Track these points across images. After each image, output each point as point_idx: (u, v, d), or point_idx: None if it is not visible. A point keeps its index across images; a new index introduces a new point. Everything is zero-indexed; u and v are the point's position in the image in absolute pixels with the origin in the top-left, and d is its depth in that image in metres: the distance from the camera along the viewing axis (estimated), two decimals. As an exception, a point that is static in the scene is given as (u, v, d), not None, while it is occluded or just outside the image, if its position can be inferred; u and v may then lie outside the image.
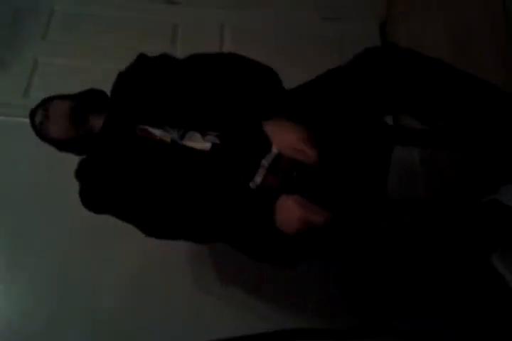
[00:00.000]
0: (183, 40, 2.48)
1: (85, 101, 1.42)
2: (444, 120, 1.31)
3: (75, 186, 1.39)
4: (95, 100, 1.44)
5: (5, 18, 2.46)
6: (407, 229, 1.64)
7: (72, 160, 1.43)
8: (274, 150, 1.27)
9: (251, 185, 1.27)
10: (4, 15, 2.46)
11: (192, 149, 1.30)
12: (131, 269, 1.85)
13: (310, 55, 2.39)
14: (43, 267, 1.87)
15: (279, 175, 1.26)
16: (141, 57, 1.45)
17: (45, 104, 1.44)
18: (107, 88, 1.44)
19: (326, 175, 1.27)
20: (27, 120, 1.46)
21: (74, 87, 2.20)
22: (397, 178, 1.91)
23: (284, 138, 1.23)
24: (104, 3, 2.54)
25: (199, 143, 1.30)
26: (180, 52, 2.46)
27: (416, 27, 2.23)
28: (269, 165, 1.26)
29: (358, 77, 1.25)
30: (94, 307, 1.81)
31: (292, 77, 1.33)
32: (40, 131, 1.42)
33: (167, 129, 1.32)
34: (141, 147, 1.33)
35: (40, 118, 1.41)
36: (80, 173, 1.40)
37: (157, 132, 1.32)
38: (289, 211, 1.18)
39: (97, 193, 1.36)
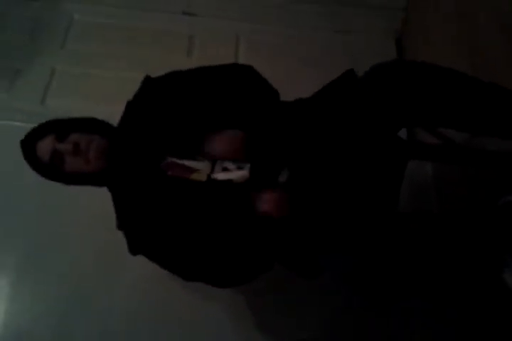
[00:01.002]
0: (199, 51, 2.51)
1: (115, 138, 1.34)
2: (458, 127, 1.29)
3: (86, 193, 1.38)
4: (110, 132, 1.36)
5: (24, 27, 2.50)
6: (418, 241, 1.64)
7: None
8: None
9: None
10: (23, 25, 2.50)
11: (228, 182, 1.24)
12: (141, 278, 1.85)
13: (324, 69, 2.39)
14: (54, 272, 1.88)
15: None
16: (148, 81, 1.38)
17: (62, 137, 1.30)
18: (123, 97, 1.40)
19: (339, 189, 1.27)
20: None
21: (90, 95, 2.27)
22: (409, 192, 1.90)
23: None
24: (121, 13, 2.58)
25: (234, 172, 1.25)
26: (195, 63, 2.50)
27: (432, 41, 2.23)
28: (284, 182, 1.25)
29: (367, 94, 1.24)
30: (104, 312, 1.81)
31: (306, 90, 1.33)
32: (55, 166, 1.30)
33: (198, 158, 1.27)
34: (172, 188, 1.27)
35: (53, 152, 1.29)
36: (122, 225, 1.35)
37: (189, 163, 1.26)
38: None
39: (143, 243, 1.33)
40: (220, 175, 1.25)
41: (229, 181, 1.24)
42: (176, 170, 1.26)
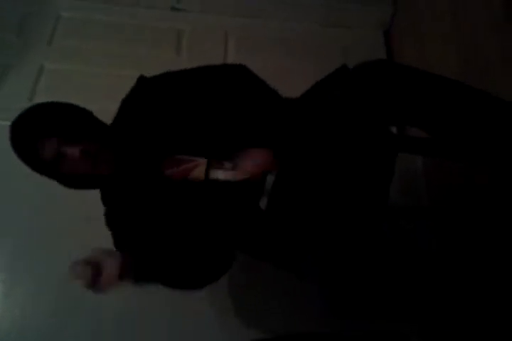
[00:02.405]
0: (188, 47, 2.50)
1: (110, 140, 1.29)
2: (443, 130, 1.29)
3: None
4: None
5: (11, 24, 2.47)
6: (407, 235, 1.64)
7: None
8: None
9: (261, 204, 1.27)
10: (10, 21, 2.48)
11: (227, 183, 1.25)
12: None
13: (314, 63, 2.40)
14: (45, 270, 1.86)
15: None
16: (142, 81, 1.34)
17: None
18: (111, 94, 1.40)
19: (328, 183, 1.27)
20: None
21: (79, 92, 2.25)
22: (399, 186, 1.91)
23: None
24: (109, 9, 2.56)
25: (231, 172, 1.26)
26: (185, 59, 2.50)
27: (422, 35, 2.23)
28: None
29: (350, 94, 1.25)
30: (97, 307, 1.80)
31: (296, 84, 1.33)
32: (54, 165, 1.23)
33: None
34: (170, 189, 1.28)
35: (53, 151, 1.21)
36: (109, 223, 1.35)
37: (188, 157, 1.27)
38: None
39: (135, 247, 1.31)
40: (219, 175, 1.25)
41: (227, 182, 1.24)
42: (175, 168, 1.26)
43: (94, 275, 1.05)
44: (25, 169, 1.26)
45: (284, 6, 2.57)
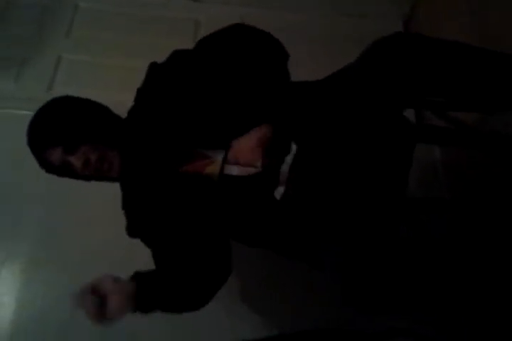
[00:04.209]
0: (205, 37, 2.49)
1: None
2: (466, 98, 1.27)
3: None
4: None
5: (29, 16, 2.49)
6: (426, 228, 1.62)
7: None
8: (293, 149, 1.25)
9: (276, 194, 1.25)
10: (29, 13, 2.49)
11: (241, 178, 1.24)
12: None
13: (331, 53, 2.37)
14: (66, 260, 1.89)
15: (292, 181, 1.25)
16: (154, 67, 1.34)
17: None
18: (130, 85, 1.38)
19: (346, 173, 1.26)
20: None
21: (97, 83, 2.26)
22: (417, 177, 1.89)
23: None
24: (126, 0, 2.55)
25: (246, 168, 1.24)
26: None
27: (440, 25, 2.20)
28: (288, 170, 1.24)
29: (371, 70, 1.22)
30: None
31: (311, 75, 1.32)
32: (65, 169, 1.28)
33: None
34: (184, 184, 1.27)
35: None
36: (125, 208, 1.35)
37: (206, 152, 1.26)
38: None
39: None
40: (234, 170, 1.25)
41: (241, 177, 1.24)
42: (190, 164, 1.26)
43: (99, 307, 1.06)
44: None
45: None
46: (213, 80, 1.26)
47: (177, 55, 1.34)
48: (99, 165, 1.25)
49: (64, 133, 1.24)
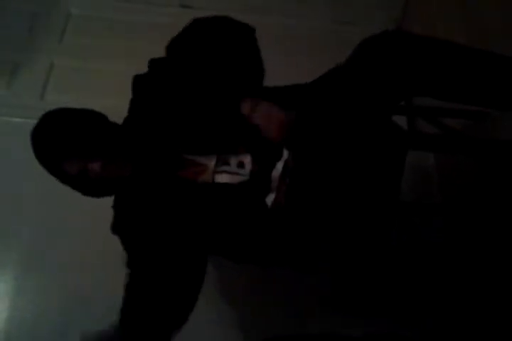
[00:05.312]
0: (198, 44, 2.49)
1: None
2: (457, 96, 1.26)
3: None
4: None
5: (22, 22, 2.49)
6: (419, 233, 1.63)
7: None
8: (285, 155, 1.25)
9: (267, 201, 1.25)
10: (21, 19, 2.49)
11: (229, 185, 1.25)
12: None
13: (323, 59, 2.38)
14: (58, 266, 1.89)
15: (283, 187, 1.25)
16: (137, 79, 1.37)
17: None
18: (122, 91, 1.40)
19: (338, 179, 1.26)
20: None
21: (89, 90, 2.26)
22: (411, 182, 1.90)
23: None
24: (118, 7, 2.56)
25: (235, 176, 1.25)
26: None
27: (431, 31, 2.21)
28: (279, 176, 1.24)
29: (360, 69, 1.22)
30: (109, 305, 1.80)
31: (305, 81, 1.32)
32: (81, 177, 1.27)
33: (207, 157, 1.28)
34: (179, 188, 1.28)
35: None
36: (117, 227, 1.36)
37: (199, 159, 1.27)
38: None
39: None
40: (224, 179, 1.26)
41: (232, 185, 1.24)
42: (185, 171, 1.27)
43: None
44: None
45: (293, 2, 2.56)
46: (194, 85, 1.28)
47: (155, 65, 1.37)
48: (115, 162, 1.26)
49: (78, 145, 1.24)
